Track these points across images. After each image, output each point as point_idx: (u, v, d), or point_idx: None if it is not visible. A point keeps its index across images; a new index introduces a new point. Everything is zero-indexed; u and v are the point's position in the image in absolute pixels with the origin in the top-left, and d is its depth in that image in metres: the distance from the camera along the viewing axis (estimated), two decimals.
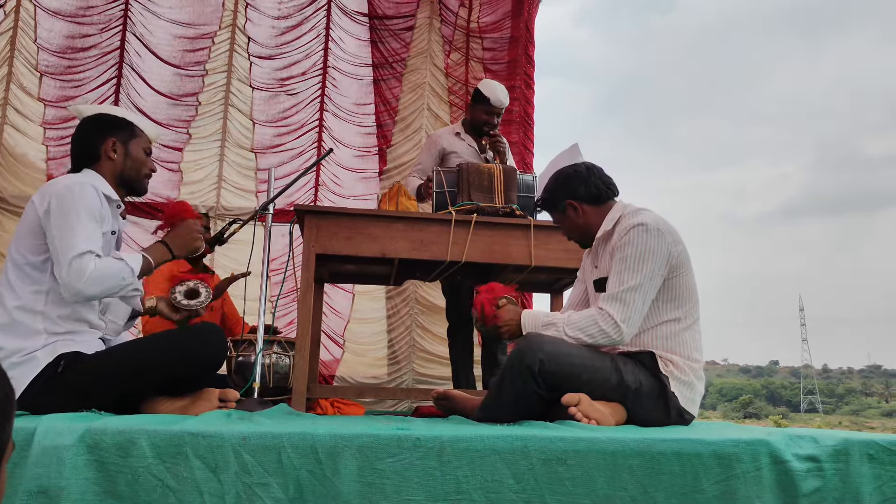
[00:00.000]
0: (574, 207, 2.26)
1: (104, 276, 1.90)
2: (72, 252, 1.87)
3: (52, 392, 1.86)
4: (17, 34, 5.71)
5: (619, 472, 1.51)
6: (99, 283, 1.89)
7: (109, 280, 1.91)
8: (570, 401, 1.89)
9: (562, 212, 2.29)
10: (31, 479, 1.36)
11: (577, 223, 2.28)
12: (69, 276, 1.86)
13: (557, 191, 2.28)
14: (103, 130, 2.12)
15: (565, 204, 2.27)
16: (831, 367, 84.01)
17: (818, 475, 1.61)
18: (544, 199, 2.34)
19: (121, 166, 2.12)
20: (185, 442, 1.41)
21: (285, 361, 3.49)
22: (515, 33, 6.07)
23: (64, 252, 1.87)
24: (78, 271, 1.86)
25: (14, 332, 1.89)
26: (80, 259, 1.87)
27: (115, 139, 2.12)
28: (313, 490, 1.41)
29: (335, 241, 2.85)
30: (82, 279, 1.86)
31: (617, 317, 2.01)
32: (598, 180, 2.26)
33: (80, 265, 1.87)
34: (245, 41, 6.05)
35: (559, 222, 2.35)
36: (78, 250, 1.87)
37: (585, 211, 2.25)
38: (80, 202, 1.93)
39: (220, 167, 5.90)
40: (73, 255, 1.87)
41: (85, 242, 1.90)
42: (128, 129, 2.16)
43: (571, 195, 2.26)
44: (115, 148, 2.11)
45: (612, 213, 2.22)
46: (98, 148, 2.10)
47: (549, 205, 2.33)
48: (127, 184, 2.16)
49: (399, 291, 5.84)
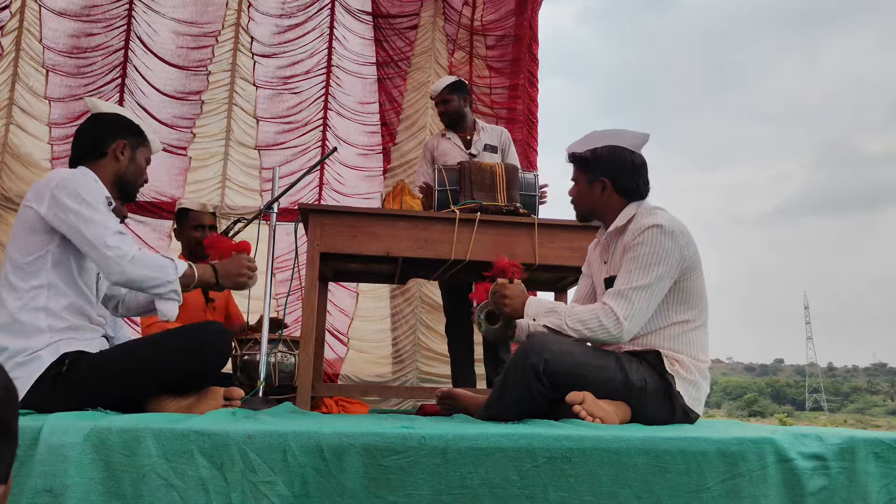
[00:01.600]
0: (604, 186, 2.20)
1: (149, 264, 1.93)
2: (109, 231, 1.90)
3: (56, 391, 1.86)
4: (22, 34, 5.72)
5: (624, 471, 1.51)
6: (143, 268, 1.91)
7: (153, 269, 1.93)
8: (575, 399, 1.89)
9: (590, 181, 2.22)
10: (36, 478, 1.36)
11: (595, 200, 2.23)
12: (114, 253, 1.88)
13: (603, 162, 2.19)
14: (117, 130, 2.13)
15: (600, 177, 2.20)
16: (836, 366, 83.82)
17: (824, 474, 1.61)
18: (583, 157, 2.23)
19: (123, 169, 2.13)
20: (190, 440, 1.42)
21: (290, 360, 3.49)
22: (519, 31, 6.06)
23: (97, 236, 1.89)
24: (122, 250, 1.89)
25: (17, 333, 1.89)
26: (122, 238, 1.91)
27: (126, 142, 2.13)
28: (319, 487, 1.42)
29: (339, 239, 2.85)
30: (127, 258, 1.89)
31: (620, 313, 2.00)
32: (642, 180, 2.21)
33: (123, 244, 1.90)
34: (249, 40, 6.06)
35: (578, 185, 2.26)
36: (115, 228, 1.91)
37: (611, 197, 2.21)
38: (89, 190, 1.95)
39: (224, 166, 5.91)
40: (111, 233, 1.90)
41: (115, 223, 1.94)
42: (140, 136, 2.18)
43: (612, 175, 2.19)
44: (124, 150, 2.13)
45: (628, 210, 2.19)
46: (107, 146, 2.11)
47: (584, 164, 2.23)
48: (123, 187, 2.15)
49: (403, 290, 5.84)
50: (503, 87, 6.05)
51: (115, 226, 1.93)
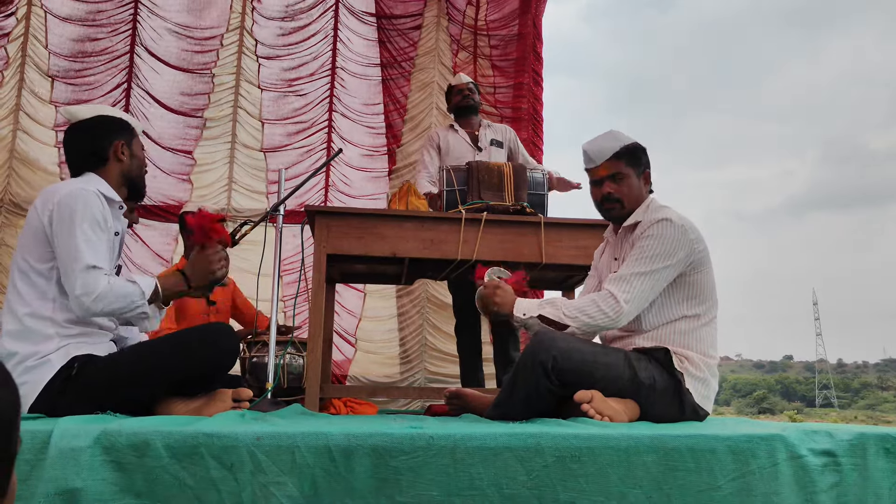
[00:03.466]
0: (647, 179, 2.26)
1: (115, 297, 1.89)
2: (80, 264, 1.87)
3: (67, 394, 1.86)
4: (27, 40, 5.76)
5: (634, 469, 1.50)
6: (108, 303, 1.89)
7: (119, 301, 1.91)
8: (583, 398, 1.88)
9: (639, 173, 2.24)
10: (48, 482, 1.37)
11: (641, 193, 2.25)
12: (80, 290, 1.86)
13: (646, 155, 2.26)
14: (110, 132, 2.10)
15: (647, 170, 2.26)
16: (846, 362, 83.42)
17: (835, 470, 1.60)
18: (634, 149, 2.23)
19: (127, 167, 2.12)
20: (199, 443, 1.42)
21: (299, 362, 3.51)
22: (523, 30, 6.06)
23: (72, 264, 1.87)
24: (89, 287, 1.86)
25: (27, 338, 1.90)
26: (90, 273, 1.87)
27: (122, 141, 2.11)
28: (328, 487, 1.42)
29: (346, 241, 2.85)
30: (92, 296, 1.86)
31: (619, 296, 2.01)
32: None
33: (91, 281, 1.87)
34: (253, 43, 6.07)
35: (627, 178, 2.22)
36: (86, 262, 1.87)
37: (646, 190, 2.26)
38: (84, 212, 1.92)
39: (230, 169, 5.93)
40: (82, 267, 1.87)
41: (93, 256, 1.89)
42: (128, 128, 2.15)
43: (649, 168, 2.27)
44: (123, 149, 2.11)
45: (645, 205, 2.23)
46: (107, 150, 2.09)
47: (634, 157, 2.23)
48: (132, 184, 2.15)
49: (410, 290, 5.84)
50: (507, 87, 6.05)
51: (91, 257, 1.88)
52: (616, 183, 2.21)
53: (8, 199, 5.56)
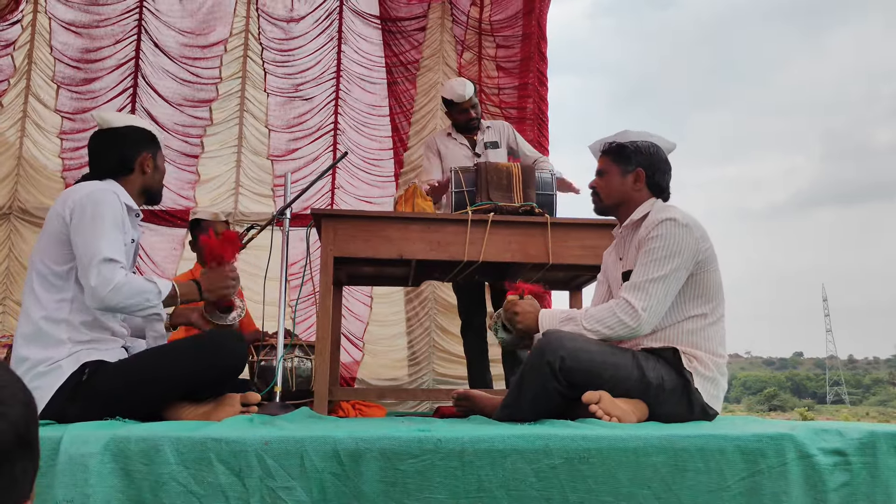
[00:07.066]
0: (638, 177, 2.22)
1: (131, 291, 1.92)
2: (98, 256, 1.89)
3: (77, 400, 1.88)
4: (33, 47, 5.79)
5: (642, 470, 1.50)
6: (124, 297, 1.90)
7: (135, 296, 1.93)
8: (591, 399, 1.88)
9: (623, 171, 2.23)
10: (58, 488, 1.37)
11: (625, 191, 2.23)
12: (97, 281, 1.88)
13: (642, 154, 2.23)
14: (139, 144, 2.14)
15: (636, 168, 2.22)
16: (857, 358, 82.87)
17: (845, 469, 1.59)
18: (623, 147, 2.25)
19: (150, 179, 2.16)
20: (208, 448, 1.43)
21: (307, 365, 3.51)
22: (527, 30, 6.05)
23: (90, 257, 1.89)
24: (106, 278, 1.88)
25: (39, 343, 1.91)
26: (108, 266, 1.89)
27: (149, 153, 2.15)
28: (337, 491, 1.42)
29: (352, 243, 2.85)
30: (108, 287, 1.88)
31: (637, 305, 2.00)
32: (669, 180, 2.26)
33: (108, 272, 1.89)
34: (258, 48, 6.09)
35: (607, 175, 2.26)
36: (105, 255, 1.89)
37: (641, 190, 2.23)
38: (106, 209, 1.95)
39: (237, 173, 5.95)
40: (99, 260, 1.89)
41: (110, 250, 1.92)
42: (155, 141, 2.19)
43: (649, 168, 2.22)
44: (148, 162, 2.14)
45: (645, 206, 2.21)
46: (133, 161, 2.12)
47: (620, 155, 2.24)
48: (150, 195, 2.19)
49: (417, 292, 5.85)
50: (512, 87, 6.05)
51: (109, 251, 1.91)
52: (599, 177, 2.29)
53: (17, 206, 5.60)
